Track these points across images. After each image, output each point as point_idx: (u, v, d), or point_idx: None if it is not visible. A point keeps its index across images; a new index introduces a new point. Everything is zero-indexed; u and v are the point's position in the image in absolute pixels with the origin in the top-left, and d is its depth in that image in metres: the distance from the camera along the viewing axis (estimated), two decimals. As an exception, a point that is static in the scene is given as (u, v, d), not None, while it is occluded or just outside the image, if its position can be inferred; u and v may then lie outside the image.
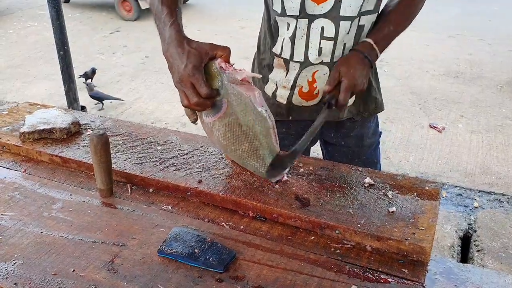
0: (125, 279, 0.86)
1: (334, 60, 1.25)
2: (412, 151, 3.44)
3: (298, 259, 0.91)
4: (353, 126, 1.41)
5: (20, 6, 8.01)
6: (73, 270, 0.88)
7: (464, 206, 2.80)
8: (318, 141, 1.52)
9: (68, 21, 4.61)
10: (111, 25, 6.89)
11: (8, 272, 0.87)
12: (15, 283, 0.85)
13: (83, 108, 3.91)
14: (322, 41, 1.22)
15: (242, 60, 5.18)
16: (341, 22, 1.18)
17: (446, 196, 2.89)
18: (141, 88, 4.66)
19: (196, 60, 0.95)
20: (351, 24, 1.19)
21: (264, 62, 1.37)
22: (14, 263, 0.90)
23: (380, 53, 1.19)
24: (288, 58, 1.28)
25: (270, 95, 1.38)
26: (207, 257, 0.89)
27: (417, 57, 5.40)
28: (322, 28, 1.20)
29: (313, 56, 1.24)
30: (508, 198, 2.87)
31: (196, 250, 0.91)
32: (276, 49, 1.31)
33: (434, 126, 3.79)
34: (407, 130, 3.75)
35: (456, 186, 3.00)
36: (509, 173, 3.13)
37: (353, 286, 0.85)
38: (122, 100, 4.27)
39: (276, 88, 1.35)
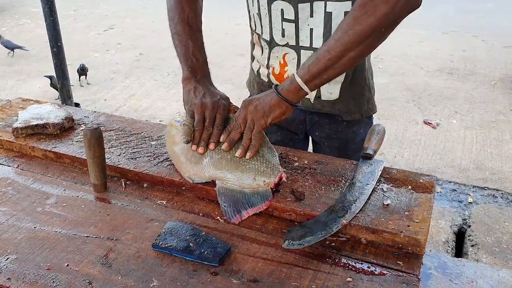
0: (119, 273, 0.85)
1: (300, 44, 1.22)
2: (406, 147, 3.45)
3: (293, 252, 0.91)
4: (337, 128, 1.37)
5: (13, 3, 7.94)
6: (67, 265, 0.87)
7: (459, 201, 2.82)
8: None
9: (63, 19, 4.58)
10: (105, 23, 6.86)
11: (1, 267, 0.87)
12: (8, 278, 0.84)
13: (77, 105, 3.89)
14: (283, 22, 1.20)
15: (238, 57, 5.17)
16: (299, 5, 1.16)
17: (440, 192, 2.91)
18: (135, 86, 4.64)
19: (227, 101, 1.15)
20: (311, 6, 1.15)
21: (251, 39, 1.38)
22: (8, 258, 0.89)
23: (312, 86, 1.04)
24: (260, 34, 1.28)
25: (256, 73, 1.39)
26: (202, 250, 0.89)
27: (412, 53, 5.41)
28: (282, 10, 1.19)
29: (277, 37, 1.24)
30: (502, 193, 2.88)
31: (191, 244, 0.91)
32: (252, 24, 1.32)
33: (428, 122, 3.80)
34: (402, 126, 3.76)
35: (450, 182, 3.02)
36: (503, 169, 3.15)
37: (348, 278, 0.85)
38: (26, 49, 5.30)
39: (260, 65, 1.36)
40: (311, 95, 1.29)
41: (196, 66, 1.16)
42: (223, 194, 1.04)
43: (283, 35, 1.22)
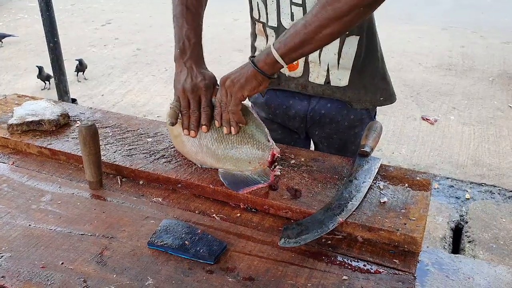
0: (114, 272, 0.85)
1: None
2: (404, 143, 3.45)
3: (289, 250, 0.91)
4: (337, 128, 1.36)
5: (10, -2, 7.89)
6: (62, 263, 0.87)
7: (456, 197, 2.82)
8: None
9: (60, 13, 4.56)
10: (102, 17, 6.82)
11: (-4, 265, 0.86)
12: (2, 276, 0.84)
13: (73, 101, 3.88)
14: (292, 6, 1.20)
15: (235, 53, 5.15)
16: None
17: (438, 188, 2.91)
18: (132, 81, 4.63)
19: (211, 81, 1.13)
20: None
21: (252, 31, 1.37)
22: (2, 256, 0.88)
23: (287, 59, 1.02)
24: (266, 22, 1.28)
25: None
26: (198, 248, 0.89)
27: (410, 49, 5.40)
28: None
29: (286, 22, 1.23)
30: (499, 189, 2.88)
31: (186, 242, 0.90)
32: (255, 14, 1.31)
33: (426, 118, 3.80)
34: (400, 122, 3.76)
35: (448, 178, 3.01)
36: (501, 165, 3.15)
37: (344, 276, 0.85)
38: (16, 36, 5.51)
39: None
40: (286, 70, 1.29)
41: (186, 47, 1.16)
42: (226, 177, 1.07)
43: (292, 19, 1.22)
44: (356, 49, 1.25)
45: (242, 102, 1.09)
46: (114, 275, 0.84)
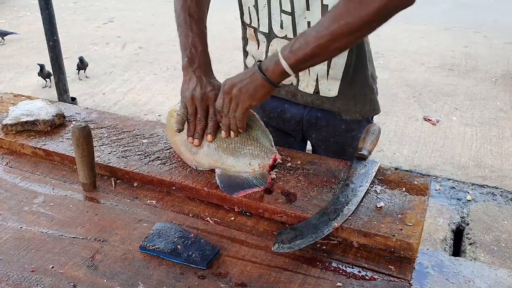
0: (105, 276, 0.84)
1: None
2: (406, 144, 3.42)
3: (283, 255, 0.89)
4: (335, 131, 1.34)
5: (13, -5, 7.89)
6: (52, 267, 0.86)
7: (457, 199, 2.80)
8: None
9: (62, 11, 4.54)
10: (104, 15, 6.82)
11: (-15, 269, 0.85)
12: (-9, 280, 0.83)
13: (73, 100, 3.87)
14: (282, 14, 1.19)
15: (236, 51, 5.13)
16: None
17: (439, 189, 2.89)
18: (134, 79, 4.62)
19: (217, 90, 1.11)
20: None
21: (243, 35, 1.36)
22: (-8, 259, 0.87)
23: (296, 70, 1.00)
24: (257, 27, 1.26)
25: None
26: (190, 253, 0.88)
27: (412, 49, 5.37)
28: (280, 1, 1.17)
29: (276, 29, 1.22)
30: (501, 191, 2.86)
31: (179, 246, 0.89)
32: (246, 19, 1.29)
33: (428, 119, 3.78)
34: (402, 123, 3.73)
35: (449, 179, 2.99)
36: (503, 166, 3.12)
37: (338, 283, 0.83)
38: (17, 33, 5.44)
39: (255, 61, 1.33)
40: (293, 79, 1.28)
41: (194, 56, 1.16)
42: (222, 179, 1.06)
43: (281, 27, 1.21)
44: (346, 59, 1.23)
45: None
46: (105, 280, 0.83)
